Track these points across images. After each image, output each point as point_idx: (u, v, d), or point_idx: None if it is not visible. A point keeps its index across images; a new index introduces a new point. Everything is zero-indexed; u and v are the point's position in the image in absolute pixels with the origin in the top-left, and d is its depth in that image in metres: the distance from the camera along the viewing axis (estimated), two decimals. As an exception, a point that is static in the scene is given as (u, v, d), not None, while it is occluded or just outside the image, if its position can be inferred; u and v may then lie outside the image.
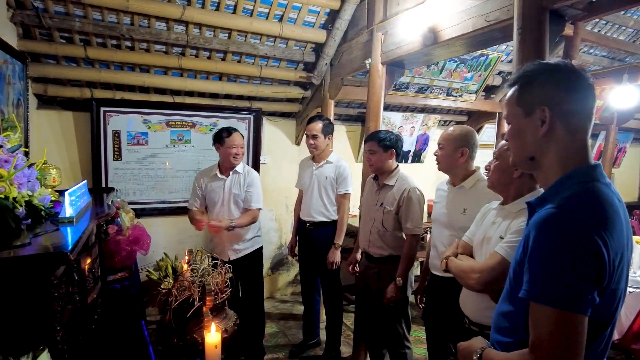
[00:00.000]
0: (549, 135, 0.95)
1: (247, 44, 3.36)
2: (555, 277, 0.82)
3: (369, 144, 2.50)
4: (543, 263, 0.84)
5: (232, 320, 1.87)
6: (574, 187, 0.91)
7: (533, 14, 1.84)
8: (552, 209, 0.87)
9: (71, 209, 1.56)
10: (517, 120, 1.02)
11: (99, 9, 2.83)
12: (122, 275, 2.55)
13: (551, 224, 0.85)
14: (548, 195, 0.95)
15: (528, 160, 1.01)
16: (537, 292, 0.85)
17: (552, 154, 0.96)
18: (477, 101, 4.44)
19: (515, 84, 1.02)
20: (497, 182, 1.61)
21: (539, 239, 0.86)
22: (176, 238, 3.78)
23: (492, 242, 1.54)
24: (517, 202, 1.52)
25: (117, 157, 3.46)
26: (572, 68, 0.96)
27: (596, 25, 4.16)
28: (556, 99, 0.95)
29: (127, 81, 3.35)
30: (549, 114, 0.94)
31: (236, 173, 2.93)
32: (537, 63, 1.00)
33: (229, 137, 2.81)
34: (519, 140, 1.02)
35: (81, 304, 1.53)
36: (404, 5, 2.71)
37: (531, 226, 0.90)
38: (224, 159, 2.88)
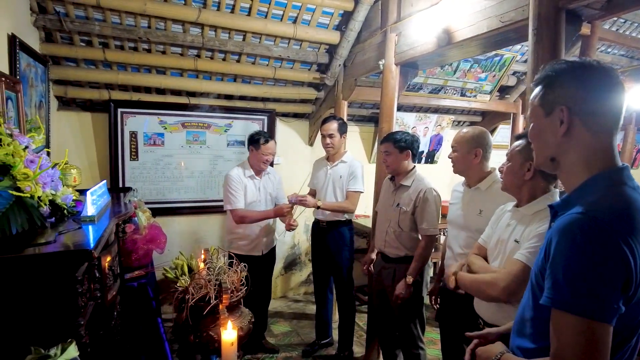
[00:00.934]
0: (568, 135, 0.93)
1: (262, 45, 3.39)
2: (579, 284, 0.80)
3: (384, 145, 2.50)
4: (567, 270, 0.81)
5: (248, 318, 1.90)
6: (599, 190, 0.88)
7: (549, 14, 1.82)
8: (576, 214, 0.84)
9: (93, 208, 1.61)
10: (538, 120, 1.01)
11: (118, 13, 2.90)
12: (139, 273, 2.59)
13: (576, 230, 0.82)
14: (572, 198, 0.93)
15: (549, 161, 1.00)
16: (560, 299, 0.82)
17: (573, 155, 0.94)
18: (492, 101, 4.41)
19: (539, 83, 1.00)
20: (510, 184, 1.60)
21: (563, 245, 0.83)
22: (192, 237, 3.84)
23: (507, 245, 1.53)
24: (532, 205, 1.52)
25: (134, 157, 3.53)
26: (598, 66, 0.93)
27: (614, 24, 4.09)
28: (577, 99, 0.92)
29: (143, 83, 3.42)
30: (567, 114, 0.92)
31: (267, 174, 3.11)
32: (561, 62, 0.98)
33: (265, 144, 2.91)
34: (540, 141, 1.01)
35: (102, 300, 1.58)
36: (417, 6, 2.71)
37: (554, 231, 0.87)
38: (255, 162, 2.98)
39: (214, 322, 1.80)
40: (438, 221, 2.45)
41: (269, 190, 3.08)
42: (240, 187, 2.92)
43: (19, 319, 1.16)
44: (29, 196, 1.42)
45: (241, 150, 3.88)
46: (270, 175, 3.14)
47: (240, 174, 2.97)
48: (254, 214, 2.93)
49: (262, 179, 3.06)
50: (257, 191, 3.01)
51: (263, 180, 3.06)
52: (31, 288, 1.17)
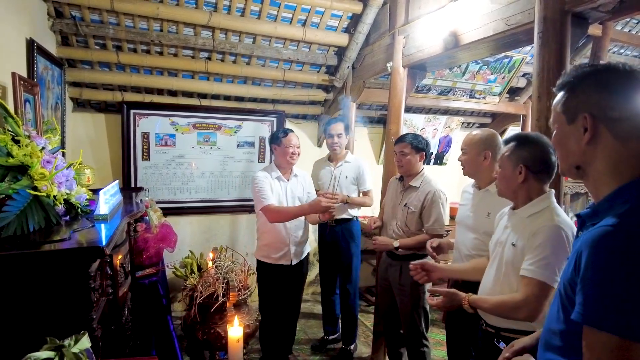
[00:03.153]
0: (594, 143, 0.89)
1: (272, 48, 3.44)
2: (613, 301, 0.76)
3: (401, 146, 2.52)
4: (599, 285, 0.78)
5: (254, 315, 1.94)
6: (632, 200, 0.83)
7: (554, 17, 1.83)
8: (608, 227, 0.80)
9: (105, 207, 1.66)
10: (560, 127, 0.97)
11: (131, 17, 2.97)
12: (150, 271, 2.65)
13: (608, 243, 0.78)
14: (601, 208, 0.89)
15: (574, 169, 0.95)
16: (593, 316, 0.78)
17: (600, 163, 0.89)
18: (501, 103, 4.40)
19: (562, 89, 0.97)
20: (505, 189, 1.60)
21: (594, 259, 0.79)
22: (202, 236, 3.90)
23: (505, 248, 1.55)
24: (527, 207, 1.51)
25: (145, 157, 3.60)
26: (624, 69, 0.88)
27: (627, 25, 4.05)
28: (601, 105, 0.88)
29: (156, 85, 3.49)
30: (591, 121, 0.88)
31: (295, 176, 2.82)
32: (584, 66, 0.94)
33: (286, 137, 2.70)
34: (563, 148, 0.97)
35: (113, 296, 1.63)
36: (425, 9, 2.73)
37: (584, 244, 0.82)
38: (281, 159, 2.73)
39: (221, 319, 1.85)
40: (445, 222, 2.47)
41: (297, 194, 2.79)
42: (267, 185, 2.66)
43: (36, 311, 1.22)
44: (45, 195, 1.49)
45: (251, 151, 3.93)
46: (300, 178, 2.85)
47: (266, 175, 2.72)
48: (289, 209, 2.66)
49: (290, 181, 2.78)
50: (284, 194, 2.72)
51: (291, 183, 2.78)
52: (47, 282, 1.22)
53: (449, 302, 1.60)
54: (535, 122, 1.87)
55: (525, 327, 1.45)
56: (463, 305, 1.58)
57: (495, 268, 1.58)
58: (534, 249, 1.40)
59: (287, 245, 2.70)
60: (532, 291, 1.37)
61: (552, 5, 1.83)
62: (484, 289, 1.63)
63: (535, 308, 1.37)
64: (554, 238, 1.37)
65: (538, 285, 1.37)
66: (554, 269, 1.34)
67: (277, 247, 2.69)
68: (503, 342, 1.51)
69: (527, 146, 1.51)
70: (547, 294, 1.35)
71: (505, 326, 1.52)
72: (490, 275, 1.62)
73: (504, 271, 1.53)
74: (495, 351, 1.48)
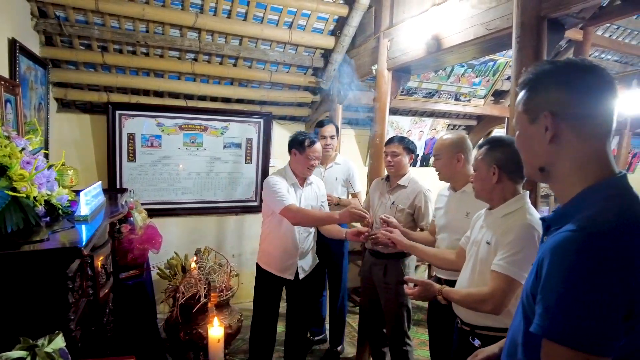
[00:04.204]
0: (556, 143, 0.86)
1: (258, 50, 3.46)
2: (575, 312, 0.71)
3: (393, 146, 2.55)
4: (560, 295, 0.73)
5: (237, 316, 1.95)
6: (596, 203, 0.80)
7: (531, 22, 1.87)
8: (570, 232, 0.76)
9: (86, 208, 1.66)
10: (523, 127, 0.93)
11: (117, 18, 2.97)
12: (134, 272, 2.65)
13: (571, 250, 0.74)
14: (566, 212, 0.85)
15: (538, 171, 0.91)
16: (552, 328, 0.74)
17: (564, 164, 0.86)
18: (486, 106, 4.47)
19: (522, 87, 0.93)
20: (480, 191, 1.62)
21: (555, 267, 0.75)
22: (188, 238, 3.89)
23: (480, 247, 1.58)
24: (501, 208, 1.55)
25: (131, 158, 3.59)
26: (584, 66, 0.85)
27: (607, 30, 4.14)
28: (562, 103, 0.84)
29: (142, 86, 3.48)
30: (551, 120, 0.85)
31: (310, 184, 2.62)
32: (544, 63, 0.91)
33: (312, 147, 2.44)
34: (527, 150, 0.94)
35: (94, 297, 1.63)
36: (409, 12, 2.77)
37: (547, 250, 0.78)
38: (300, 168, 2.50)
39: (203, 319, 1.86)
40: None
41: (311, 202, 2.57)
42: (284, 187, 2.42)
43: (13, 312, 1.22)
44: (24, 196, 1.49)
45: (237, 153, 3.94)
46: (314, 185, 2.63)
47: (282, 179, 2.48)
48: (315, 212, 2.46)
49: (305, 189, 2.57)
50: (298, 203, 2.47)
51: (305, 191, 2.57)
52: (25, 283, 1.23)
53: (424, 291, 1.63)
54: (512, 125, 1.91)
55: (499, 325, 1.48)
56: (437, 296, 1.62)
57: (471, 267, 1.62)
58: (504, 245, 1.45)
59: (294, 258, 2.50)
60: (499, 285, 1.42)
61: (529, 11, 1.87)
62: (460, 287, 1.66)
63: (501, 302, 1.42)
64: (524, 236, 1.41)
65: (505, 280, 1.41)
66: (522, 265, 1.38)
67: (281, 258, 2.49)
68: (478, 340, 1.54)
69: (500, 148, 1.55)
70: (514, 289, 1.40)
71: (480, 324, 1.55)
72: (466, 273, 1.65)
73: (479, 269, 1.57)
74: (470, 349, 1.51)
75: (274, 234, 2.49)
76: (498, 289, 1.42)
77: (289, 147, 2.55)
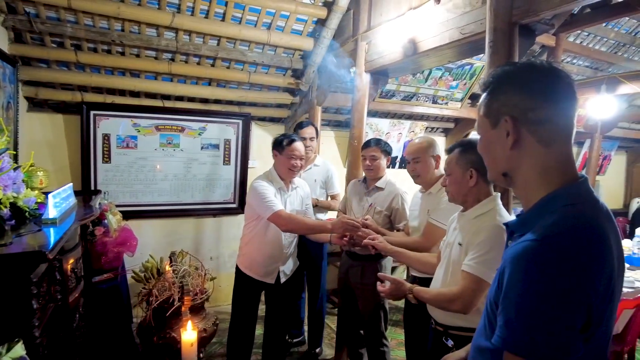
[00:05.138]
0: (517, 148, 0.84)
1: (236, 50, 3.43)
2: (534, 324, 0.71)
3: (372, 150, 2.55)
4: (521, 307, 0.73)
5: (211, 320, 1.93)
6: (557, 211, 0.78)
7: (504, 28, 1.92)
8: (531, 242, 0.75)
9: (55, 211, 1.61)
10: (485, 132, 0.91)
11: (91, 15, 2.90)
12: (108, 276, 2.59)
13: (531, 260, 0.73)
14: (529, 218, 0.84)
15: (501, 177, 0.90)
16: (512, 340, 0.73)
17: (526, 169, 0.85)
18: (463, 109, 4.54)
19: (484, 91, 0.91)
20: (456, 194, 1.63)
21: (516, 278, 0.74)
22: (165, 240, 3.83)
23: (453, 248, 1.61)
24: (474, 209, 1.57)
25: (106, 160, 3.52)
26: (543, 68, 0.83)
27: (578, 37, 4.27)
28: (521, 107, 0.82)
29: (118, 85, 3.41)
30: (512, 125, 0.83)
31: (295, 188, 2.59)
32: (505, 66, 0.89)
33: (290, 145, 2.43)
34: (489, 154, 0.92)
35: (62, 302, 1.59)
36: (386, 16, 2.80)
37: (507, 260, 0.77)
38: (282, 169, 2.48)
39: (177, 323, 1.83)
40: None
41: (296, 207, 2.54)
42: (271, 192, 2.37)
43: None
44: (-13, 199, 1.44)
45: (215, 154, 3.90)
46: (299, 189, 2.60)
47: (269, 184, 2.44)
48: (306, 220, 2.42)
49: (291, 193, 2.53)
50: (282, 207, 2.41)
51: (291, 195, 2.54)
52: (-14, 289, 1.18)
53: (395, 290, 1.66)
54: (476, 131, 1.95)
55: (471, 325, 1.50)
56: (407, 295, 1.64)
57: (444, 268, 1.64)
58: (474, 246, 1.48)
59: (278, 262, 2.48)
60: (468, 285, 1.45)
61: (501, 17, 1.92)
62: (434, 288, 1.68)
63: (469, 301, 1.45)
64: (494, 237, 1.44)
65: (474, 279, 1.44)
66: (492, 265, 1.41)
67: (265, 264, 2.46)
68: (451, 340, 1.56)
69: (473, 150, 1.56)
70: (483, 289, 1.42)
71: (453, 324, 1.57)
72: (439, 274, 1.67)
73: (451, 270, 1.59)
74: (444, 349, 1.53)
75: (259, 239, 2.44)
76: (467, 289, 1.45)
77: (272, 150, 2.53)
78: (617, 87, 3.65)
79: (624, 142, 6.61)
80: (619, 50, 4.57)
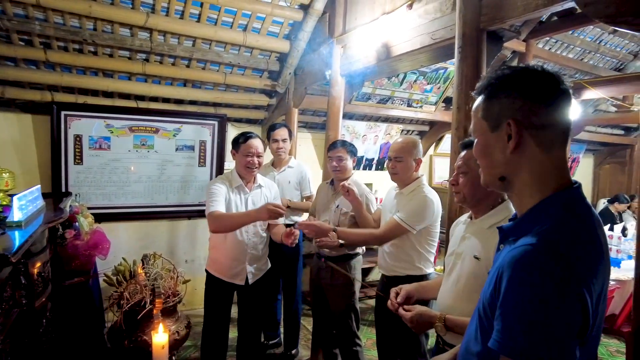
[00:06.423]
0: (518, 152, 0.83)
1: (212, 51, 3.41)
2: (534, 329, 0.70)
3: (338, 151, 2.58)
4: (520, 312, 0.72)
5: (184, 323, 1.92)
6: (554, 215, 0.79)
7: (472, 34, 1.98)
8: (530, 246, 0.75)
9: (20, 213, 1.58)
10: (483, 135, 0.89)
11: (61, 13, 2.84)
12: (78, 280, 2.54)
13: (531, 265, 0.73)
14: (524, 223, 0.84)
15: (498, 180, 0.89)
16: (512, 346, 0.73)
17: (525, 173, 0.84)
18: (437, 112, 4.63)
19: (481, 93, 0.90)
20: (470, 196, 1.45)
21: (516, 282, 0.74)
22: (139, 243, 3.76)
23: (465, 260, 1.46)
24: (487, 218, 1.43)
25: (78, 161, 3.44)
26: (544, 73, 0.84)
27: (547, 43, 4.42)
28: (525, 111, 0.82)
29: (90, 85, 3.34)
30: (515, 129, 0.82)
31: (260, 187, 2.54)
32: (505, 69, 0.88)
33: (246, 142, 2.40)
34: (487, 158, 0.90)
35: (28, 307, 1.55)
36: (361, 20, 2.84)
37: (505, 264, 0.77)
38: (240, 167, 2.46)
39: (149, 326, 1.81)
40: None
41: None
42: (219, 193, 2.34)
43: None
44: (-52, 201, 1.39)
45: (191, 155, 3.86)
46: (264, 189, 2.54)
47: (222, 184, 2.41)
48: (233, 215, 2.32)
49: (252, 192, 2.48)
50: (244, 207, 2.42)
51: (253, 195, 2.48)
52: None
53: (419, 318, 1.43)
54: (454, 132, 2.01)
55: None
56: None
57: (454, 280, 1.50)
58: None
59: (243, 264, 2.44)
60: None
61: (470, 23, 1.98)
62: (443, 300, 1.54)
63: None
64: None
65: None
66: None
67: (230, 265, 2.44)
68: None
69: None
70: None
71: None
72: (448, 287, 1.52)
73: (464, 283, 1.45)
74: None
75: (220, 241, 2.42)
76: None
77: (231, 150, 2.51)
78: (582, 92, 3.80)
79: (591, 145, 6.87)
80: (584, 57, 4.75)
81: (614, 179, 7.36)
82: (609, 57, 4.93)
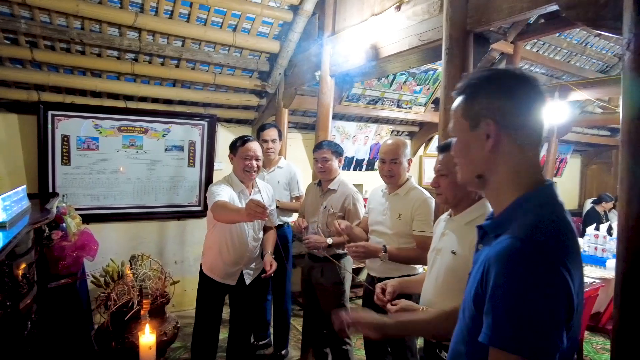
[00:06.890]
0: (496, 151, 0.86)
1: (202, 51, 3.40)
2: (524, 321, 0.73)
3: (324, 152, 2.58)
4: (510, 306, 0.74)
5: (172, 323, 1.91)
6: (532, 210, 0.82)
7: (459, 36, 2.00)
8: (514, 241, 0.77)
9: (4, 214, 1.57)
10: (462, 134, 0.92)
11: (48, 12, 2.81)
12: (65, 281, 2.51)
13: (516, 260, 0.76)
14: (503, 220, 0.86)
15: (475, 178, 0.92)
16: (502, 337, 0.75)
17: (501, 171, 0.87)
18: (427, 113, 4.67)
19: (462, 93, 0.92)
20: (451, 197, 1.53)
21: (504, 277, 0.76)
22: (128, 244, 3.73)
23: (443, 255, 1.52)
24: (464, 215, 1.50)
25: (65, 162, 3.40)
26: (520, 75, 0.87)
27: (535, 45, 4.48)
28: (502, 111, 0.85)
29: (78, 85, 3.31)
30: (494, 128, 0.85)
31: (258, 192, 2.54)
32: (484, 70, 0.92)
33: (244, 145, 2.40)
34: (465, 156, 0.93)
35: (12, 309, 1.54)
36: (350, 21, 2.85)
37: (492, 260, 0.79)
38: (238, 171, 2.46)
39: (136, 327, 1.80)
40: None
41: None
42: (224, 190, 2.32)
43: None
44: None
45: (180, 156, 3.84)
46: (263, 192, 2.55)
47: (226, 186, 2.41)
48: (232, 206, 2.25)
49: (254, 197, 2.46)
50: None
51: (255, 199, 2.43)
52: None
53: None
54: (442, 132, 2.03)
55: None
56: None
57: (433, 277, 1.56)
58: None
59: (239, 265, 2.45)
60: None
61: (456, 25, 2.00)
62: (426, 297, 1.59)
63: None
64: None
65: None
66: None
67: (227, 267, 2.43)
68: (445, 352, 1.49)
69: None
70: None
71: None
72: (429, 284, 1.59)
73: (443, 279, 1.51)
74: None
75: (223, 243, 2.40)
76: None
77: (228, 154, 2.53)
78: (569, 94, 3.86)
79: (578, 146, 6.97)
80: (571, 59, 4.83)
81: (600, 180, 7.48)
82: (594, 59, 5.02)
